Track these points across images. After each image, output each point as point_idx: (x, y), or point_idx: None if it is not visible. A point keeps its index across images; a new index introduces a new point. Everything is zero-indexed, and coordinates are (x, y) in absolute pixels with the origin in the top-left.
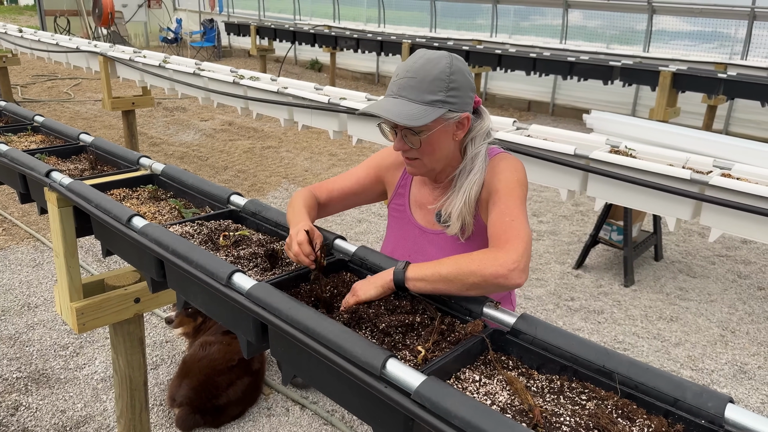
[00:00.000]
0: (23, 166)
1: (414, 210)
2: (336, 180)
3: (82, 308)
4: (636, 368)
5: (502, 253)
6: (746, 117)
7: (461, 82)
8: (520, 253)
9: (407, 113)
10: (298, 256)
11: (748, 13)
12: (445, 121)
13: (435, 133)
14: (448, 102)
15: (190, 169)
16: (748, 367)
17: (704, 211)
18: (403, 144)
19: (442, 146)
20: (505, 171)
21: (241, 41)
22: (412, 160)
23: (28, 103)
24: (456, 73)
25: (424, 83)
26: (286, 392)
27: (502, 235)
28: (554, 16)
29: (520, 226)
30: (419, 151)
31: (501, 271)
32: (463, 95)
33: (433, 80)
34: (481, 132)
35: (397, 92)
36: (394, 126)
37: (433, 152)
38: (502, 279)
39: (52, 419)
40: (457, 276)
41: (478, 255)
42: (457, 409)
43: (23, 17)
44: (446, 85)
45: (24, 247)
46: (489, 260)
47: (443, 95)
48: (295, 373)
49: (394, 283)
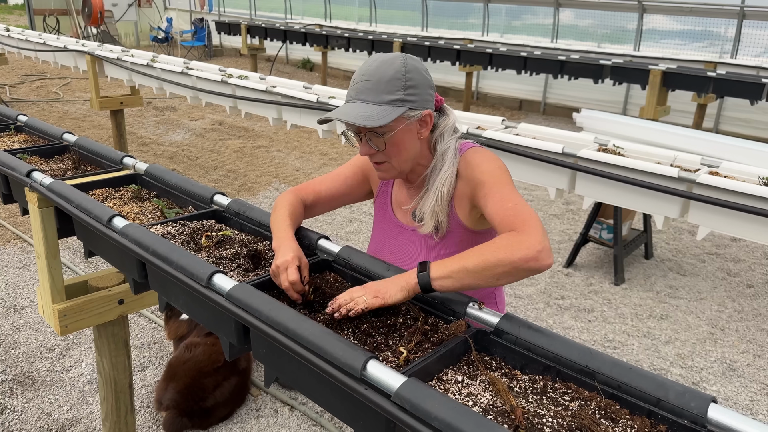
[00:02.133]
0: (4, 166)
1: (395, 208)
2: (323, 180)
3: (64, 310)
4: (619, 368)
5: (525, 236)
6: (736, 115)
7: (418, 79)
8: (541, 233)
9: (366, 114)
10: (288, 290)
11: (738, 12)
12: (406, 120)
13: (398, 133)
14: (407, 100)
15: (180, 169)
16: (738, 365)
17: (692, 209)
18: (369, 148)
19: (408, 146)
20: (484, 162)
21: (232, 40)
22: (380, 164)
23: (16, 103)
24: (411, 72)
25: (380, 84)
26: (274, 393)
27: (514, 220)
28: (545, 15)
29: (527, 209)
30: (385, 154)
31: (530, 253)
32: (422, 92)
33: (390, 80)
34: (447, 128)
35: (356, 96)
36: (357, 131)
37: (399, 153)
38: (533, 262)
39: (37, 422)
40: (486, 267)
41: (502, 242)
42: (437, 410)
43: (12, 16)
44: (403, 84)
45: (10, 249)
46: (515, 245)
47: (401, 94)
48: (277, 375)
49: (420, 285)
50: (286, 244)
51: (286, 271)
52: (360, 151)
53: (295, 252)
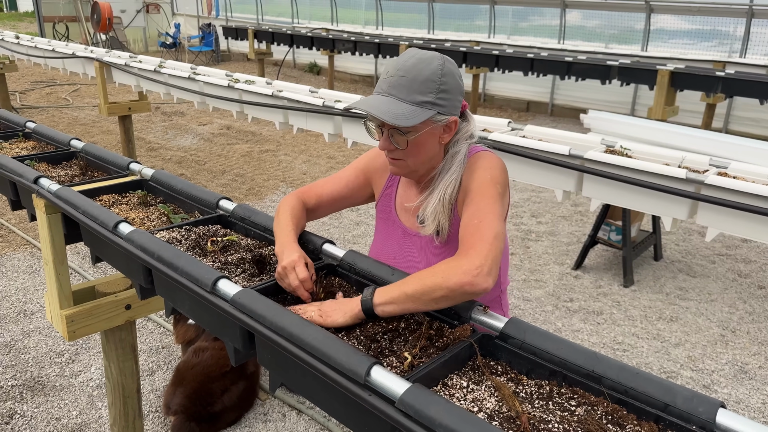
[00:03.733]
0: (12, 172)
1: (399, 212)
2: (325, 183)
3: (72, 315)
4: (626, 373)
5: (464, 260)
6: (745, 115)
7: (452, 84)
8: (483, 257)
9: (396, 112)
10: (298, 290)
11: (746, 11)
12: (433, 124)
13: (422, 135)
14: (437, 104)
15: (188, 174)
16: (749, 367)
17: (700, 210)
18: (389, 144)
19: (428, 149)
20: (479, 169)
21: (240, 45)
22: (396, 160)
23: (26, 110)
24: (447, 75)
25: (415, 83)
26: (282, 397)
27: (467, 240)
28: (552, 16)
29: (487, 228)
30: (404, 152)
31: (465, 278)
32: (453, 98)
33: (425, 81)
34: (464, 135)
35: (387, 90)
36: (380, 125)
37: (418, 154)
38: (468, 287)
39: (47, 427)
40: (424, 292)
41: (441, 267)
42: (441, 417)
43: (23, 24)
44: (437, 87)
45: (20, 254)
46: (451, 270)
47: (433, 97)
48: (282, 380)
49: (363, 311)
50: (289, 246)
51: (294, 270)
52: (379, 145)
53: (300, 252)
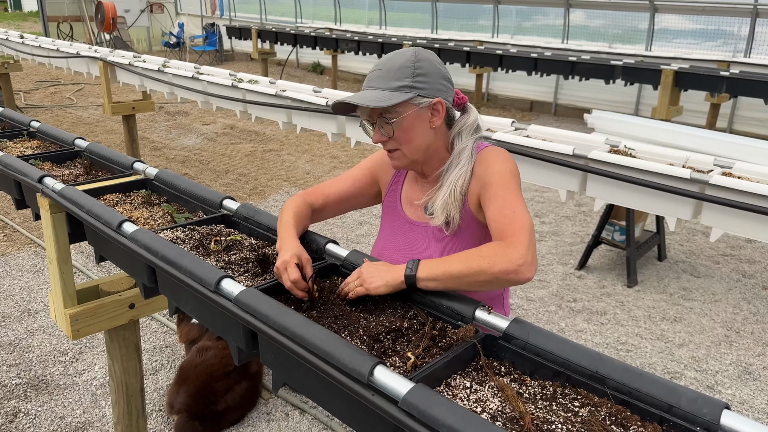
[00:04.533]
0: (16, 171)
1: (405, 206)
2: (332, 183)
3: (76, 314)
4: (630, 374)
5: (510, 249)
6: (750, 115)
7: (428, 68)
8: (525, 247)
9: (372, 97)
10: (291, 290)
11: (751, 11)
12: (416, 107)
13: (407, 119)
14: (415, 87)
15: (192, 173)
16: (753, 368)
17: (705, 210)
18: (380, 135)
19: (418, 134)
20: (497, 163)
21: (243, 45)
22: (392, 152)
23: (30, 109)
24: (422, 61)
25: (390, 72)
26: (285, 397)
27: (506, 229)
28: (556, 15)
29: (522, 218)
30: (396, 140)
31: (510, 267)
32: (432, 81)
33: (399, 68)
34: (467, 127)
35: (367, 84)
36: (370, 120)
37: (410, 140)
38: (513, 275)
39: (50, 426)
40: (468, 274)
41: (487, 251)
42: (445, 417)
43: (27, 23)
44: (412, 72)
45: (25, 253)
46: (498, 257)
47: (409, 81)
48: (285, 380)
49: (406, 283)
50: (286, 244)
51: (286, 271)
52: (372, 138)
53: (294, 250)
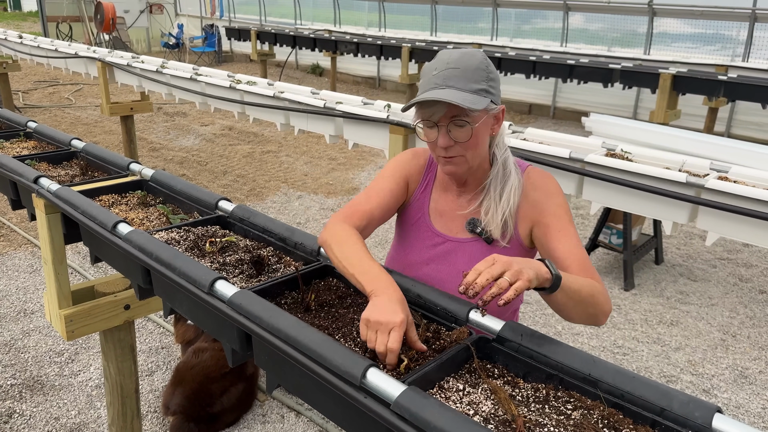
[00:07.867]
0: (12, 172)
1: (434, 218)
2: (368, 200)
3: (70, 315)
4: (622, 377)
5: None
6: (748, 119)
7: (495, 74)
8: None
9: (460, 98)
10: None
11: (749, 15)
12: (488, 113)
13: (480, 125)
14: (490, 92)
15: (190, 174)
16: (749, 372)
17: (701, 214)
18: (449, 139)
19: (483, 140)
20: (557, 195)
21: (242, 46)
22: (454, 157)
23: (29, 109)
24: (491, 65)
25: (467, 72)
26: (281, 399)
27: (589, 270)
28: (555, 19)
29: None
30: (464, 146)
31: (609, 310)
32: (498, 87)
33: (475, 70)
34: (502, 137)
35: (443, 83)
36: (436, 123)
37: (477, 145)
38: (604, 318)
39: (45, 426)
40: (588, 303)
41: (602, 288)
42: (437, 420)
43: (26, 23)
44: (486, 75)
45: (21, 253)
46: (607, 297)
47: (485, 85)
48: (279, 382)
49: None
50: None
51: (388, 335)
52: (438, 142)
53: (405, 311)
